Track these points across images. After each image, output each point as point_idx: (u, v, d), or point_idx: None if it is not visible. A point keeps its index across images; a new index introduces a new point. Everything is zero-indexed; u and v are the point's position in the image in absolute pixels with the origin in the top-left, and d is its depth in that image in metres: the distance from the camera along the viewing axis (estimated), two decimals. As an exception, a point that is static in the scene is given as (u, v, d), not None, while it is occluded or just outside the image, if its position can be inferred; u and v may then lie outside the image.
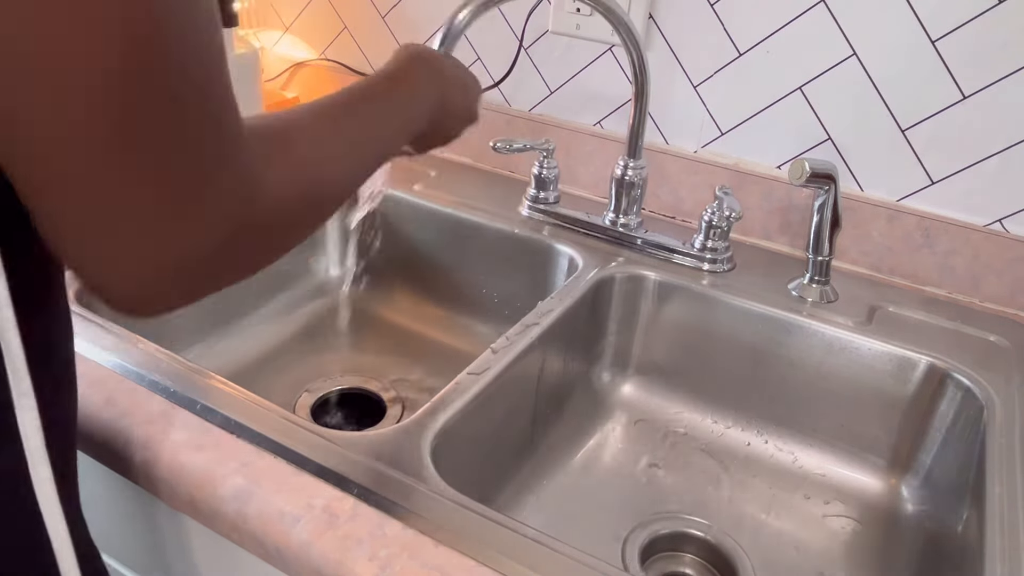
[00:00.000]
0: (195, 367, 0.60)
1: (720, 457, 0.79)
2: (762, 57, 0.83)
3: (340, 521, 0.48)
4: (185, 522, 0.57)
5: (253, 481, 0.51)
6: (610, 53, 0.92)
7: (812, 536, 0.71)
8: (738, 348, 0.79)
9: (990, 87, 0.74)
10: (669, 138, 0.92)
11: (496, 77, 1.00)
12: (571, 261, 0.83)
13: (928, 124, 0.78)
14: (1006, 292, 0.79)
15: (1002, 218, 0.79)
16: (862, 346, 0.73)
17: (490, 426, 0.66)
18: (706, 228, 0.81)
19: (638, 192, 0.84)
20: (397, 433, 0.56)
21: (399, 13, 1.04)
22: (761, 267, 0.83)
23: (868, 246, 0.84)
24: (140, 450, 0.54)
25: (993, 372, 0.69)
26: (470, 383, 0.62)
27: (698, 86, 0.88)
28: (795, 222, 0.87)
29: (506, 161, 1.02)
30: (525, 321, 0.71)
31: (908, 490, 0.73)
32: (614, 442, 0.80)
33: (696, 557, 0.70)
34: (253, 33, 1.12)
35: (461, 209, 0.90)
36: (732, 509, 0.73)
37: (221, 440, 0.54)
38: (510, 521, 0.49)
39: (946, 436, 0.70)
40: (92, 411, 0.56)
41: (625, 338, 0.84)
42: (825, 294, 0.78)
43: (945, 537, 0.65)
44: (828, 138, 0.83)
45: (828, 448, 0.77)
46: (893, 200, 0.83)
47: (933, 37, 0.75)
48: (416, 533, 0.48)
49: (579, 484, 0.74)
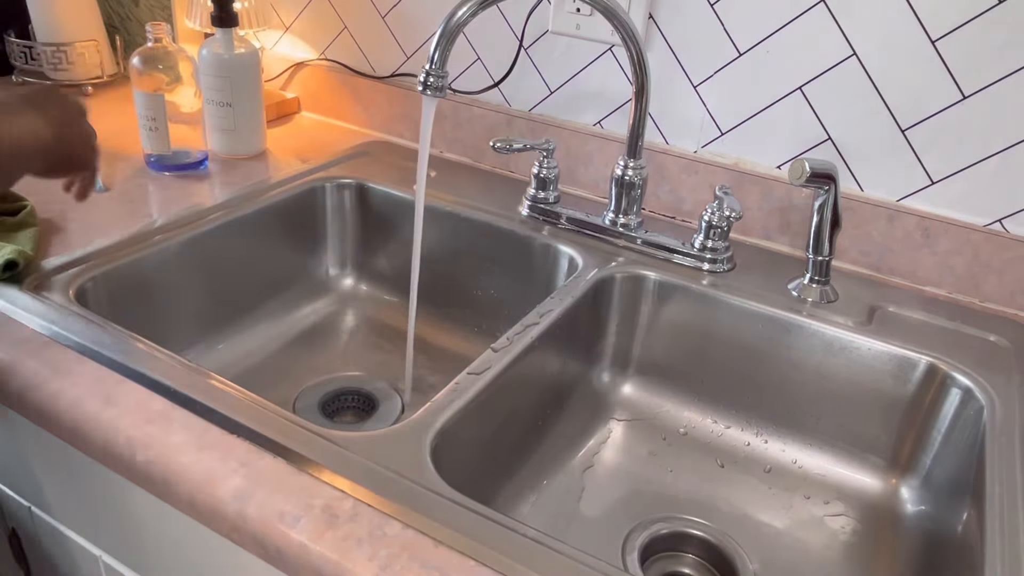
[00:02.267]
0: (195, 367, 0.60)
1: (720, 457, 0.79)
2: (762, 57, 0.83)
3: (340, 521, 0.48)
4: (186, 522, 0.57)
5: (253, 481, 0.51)
6: (610, 53, 0.92)
7: (812, 536, 0.71)
8: (738, 348, 0.78)
9: (990, 87, 0.74)
10: (669, 138, 0.92)
11: (496, 77, 1.00)
12: (571, 261, 0.83)
13: (928, 124, 0.78)
14: (1006, 292, 0.79)
15: (1002, 218, 0.79)
16: (862, 346, 0.73)
17: (490, 426, 0.66)
18: (706, 228, 0.81)
19: (638, 192, 0.84)
20: (397, 433, 0.56)
21: (399, 13, 1.04)
22: (761, 267, 0.83)
23: (868, 246, 0.84)
24: (140, 450, 0.54)
25: (993, 372, 0.69)
26: (470, 383, 0.62)
27: (698, 86, 0.88)
28: (795, 222, 0.87)
29: (506, 161, 1.02)
30: (525, 321, 0.71)
31: (908, 490, 0.73)
32: (614, 442, 0.80)
33: (696, 557, 0.70)
34: (253, 33, 1.12)
35: (461, 209, 0.90)
36: (732, 509, 0.73)
37: (221, 440, 0.54)
38: (510, 521, 0.49)
39: (946, 436, 0.70)
40: (92, 411, 0.56)
41: (625, 338, 0.84)
42: (825, 294, 0.78)
43: (945, 537, 0.65)
44: (828, 138, 0.83)
45: (828, 448, 0.77)
46: (893, 200, 0.83)
47: (933, 37, 0.75)
48: (416, 533, 0.48)
49: (579, 484, 0.74)
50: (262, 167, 0.98)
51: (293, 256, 0.94)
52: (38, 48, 1.14)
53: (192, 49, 0.96)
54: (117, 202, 0.85)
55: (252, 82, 0.96)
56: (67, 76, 1.17)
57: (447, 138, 1.06)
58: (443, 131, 1.06)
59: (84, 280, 0.71)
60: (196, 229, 0.81)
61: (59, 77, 1.17)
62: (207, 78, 0.94)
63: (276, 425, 0.55)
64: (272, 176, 0.95)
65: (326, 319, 0.95)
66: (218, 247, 0.84)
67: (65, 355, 0.61)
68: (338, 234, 0.98)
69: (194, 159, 0.94)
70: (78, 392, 0.57)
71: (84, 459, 0.60)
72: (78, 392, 0.57)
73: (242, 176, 0.94)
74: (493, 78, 1.01)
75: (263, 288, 0.91)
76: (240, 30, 0.95)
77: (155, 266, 0.78)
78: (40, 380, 0.59)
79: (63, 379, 0.59)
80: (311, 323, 0.94)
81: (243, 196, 0.89)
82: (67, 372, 0.59)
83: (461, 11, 0.68)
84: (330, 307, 0.97)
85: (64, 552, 0.73)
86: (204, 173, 0.94)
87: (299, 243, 0.95)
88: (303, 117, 1.16)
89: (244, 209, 0.86)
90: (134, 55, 0.88)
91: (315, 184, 0.94)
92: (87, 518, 0.68)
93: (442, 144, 1.07)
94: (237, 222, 0.85)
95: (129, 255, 0.75)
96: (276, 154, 1.02)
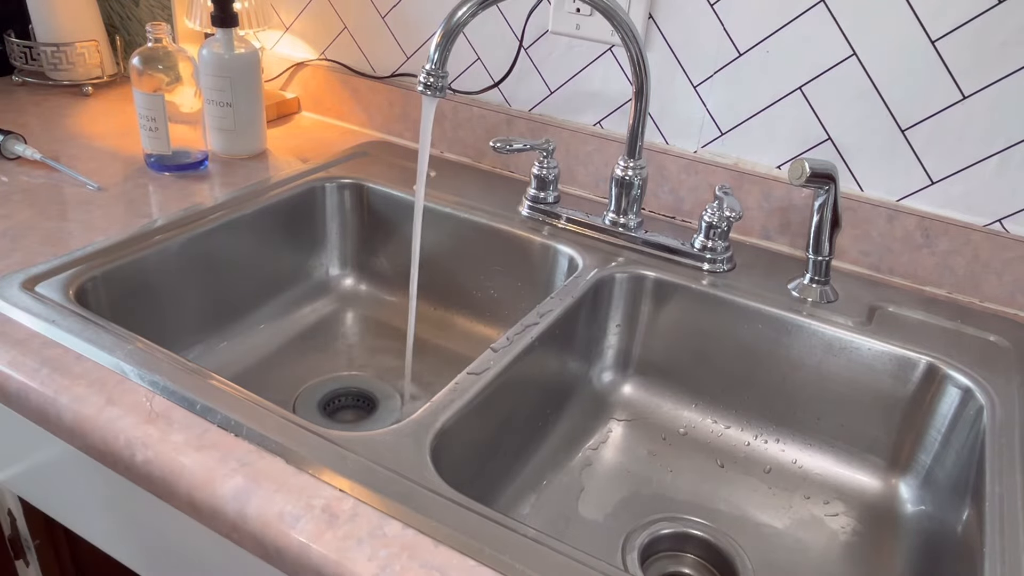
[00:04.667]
0: (195, 367, 0.60)
1: (720, 457, 0.79)
2: (762, 57, 0.83)
3: (340, 521, 0.49)
4: (186, 522, 0.57)
5: (253, 481, 0.51)
6: (610, 53, 0.92)
7: (812, 536, 0.71)
8: (738, 348, 0.79)
9: (990, 87, 0.74)
10: (669, 138, 0.92)
11: (496, 77, 1.00)
12: (571, 261, 0.84)
13: (928, 124, 0.78)
14: (1006, 292, 0.80)
15: (1002, 218, 0.79)
16: (862, 346, 0.73)
17: (490, 426, 0.66)
18: (706, 228, 0.81)
19: (638, 192, 0.84)
20: (397, 433, 0.56)
21: (399, 13, 1.04)
22: (761, 267, 0.83)
23: (868, 246, 0.84)
24: (140, 450, 0.54)
25: (993, 372, 0.69)
26: (470, 383, 0.62)
27: (698, 86, 0.88)
28: (795, 222, 0.87)
29: (506, 161, 1.02)
30: (525, 321, 0.71)
31: (908, 490, 0.73)
32: (614, 442, 0.80)
33: (696, 557, 0.70)
34: (253, 33, 1.12)
35: (461, 209, 0.90)
36: (732, 509, 0.73)
37: (221, 440, 0.54)
38: (510, 521, 0.49)
39: (946, 436, 0.70)
40: (92, 411, 0.56)
41: (625, 338, 0.84)
42: (825, 294, 0.78)
43: (945, 537, 0.65)
44: (828, 138, 0.83)
45: (828, 448, 0.77)
46: (893, 200, 0.83)
47: (933, 37, 0.75)
48: (416, 533, 0.48)
49: (579, 484, 0.74)
50: (262, 167, 0.98)
51: (293, 256, 0.94)
52: (38, 48, 1.15)
53: (192, 49, 0.96)
54: (117, 202, 0.85)
55: (252, 82, 0.96)
56: (67, 76, 1.17)
57: (447, 138, 1.06)
58: (443, 131, 1.06)
59: (84, 280, 0.71)
60: (196, 229, 0.81)
61: (59, 77, 1.17)
62: (207, 78, 0.94)
63: (276, 425, 0.55)
64: (272, 176, 0.95)
65: (326, 319, 0.95)
66: (218, 247, 0.84)
67: (65, 355, 0.61)
68: (338, 234, 0.98)
69: (194, 159, 0.94)
70: (78, 392, 0.57)
71: (84, 459, 0.60)
72: (78, 392, 0.57)
73: (242, 176, 0.94)
74: (493, 78, 1.01)
75: (263, 288, 0.91)
76: (240, 30, 0.95)
77: (155, 266, 0.78)
78: (40, 380, 0.59)
79: (63, 379, 0.59)
80: (311, 323, 0.94)
81: (243, 196, 0.89)
82: (67, 372, 0.59)
83: (461, 11, 0.68)
84: (330, 307, 0.97)
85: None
86: (204, 173, 0.94)
87: (299, 243, 0.95)
88: (303, 117, 1.16)
89: (244, 209, 0.86)
90: (134, 55, 0.88)
91: (315, 184, 0.94)
92: (87, 518, 0.68)
93: (442, 144, 1.07)
94: (237, 222, 0.85)
95: (129, 255, 0.75)
96: (276, 154, 1.02)
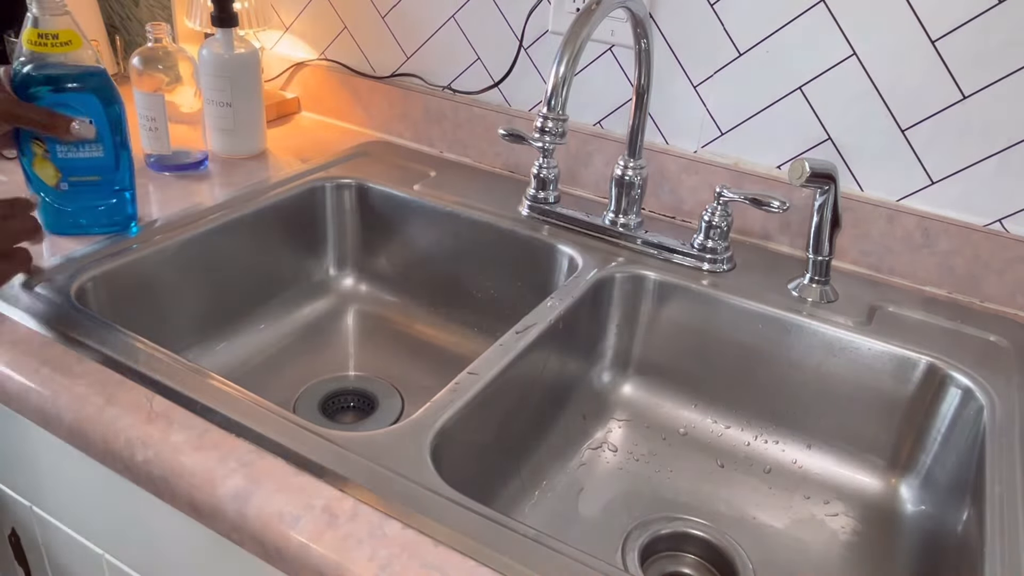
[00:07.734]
0: (195, 367, 0.60)
1: (720, 457, 0.79)
2: (762, 57, 0.83)
3: (340, 521, 0.49)
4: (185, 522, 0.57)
5: (253, 481, 0.51)
6: (610, 53, 0.92)
7: (812, 536, 0.71)
8: (738, 348, 0.79)
9: (990, 87, 0.74)
10: (669, 138, 0.92)
11: (496, 77, 1.00)
12: (571, 261, 0.83)
13: (928, 124, 0.78)
14: (1006, 292, 0.79)
15: (1002, 218, 0.79)
16: (862, 346, 0.73)
17: (490, 426, 0.66)
18: (706, 228, 0.81)
19: (638, 192, 0.84)
20: (397, 433, 0.56)
21: (399, 13, 1.04)
22: (761, 267, 0.83)
23: (868, 246, 0.84)
24: (140, 450, 0.54)
25: (993, 372, 0.69)
26: (470, 383, 0.62)
27: (698, 86, 0.88)
28: (795, 222, 0.87)
29: (506, 161, 1.02)
30: (525, 321, 0.71)
31: (908, 490, 0.73)
32: (614, 442, 0.80)
33: (696, 557, 0.70)
34: (253, 33, 1.12)
35: (461, 209, 0.90)
36: (732, 509, 0.73)
37: (221, 440, 0.54)
38: (510, 521, 0.49)
39: (946, 436, 0.70)
40: (92, 411, 0.56)
41: (625, 338, 0.84)
42: (825, 294, 0.78)
43: (945, 537, 0.65)
44: (828, 138, 0.83)
45: (828, 448, 0.77)
46: (893, 200, 0.83)
47: (933, 37, 0.75)
48: (416, 533, 0.48)
49: (579, 484, 0.74)
50: (262, 167, 0.98)
51: (293, 256, 0.94)
52: (38, 48, 1.14)
53: (192, 49, 0.96)
54: (117, 202, 0.85)
55: (252, 82, 0.96)
56: (67, 76, 1.17)
57: (447, 138, 1.06)
58: (443, 131, 1.06)
59: (84, 280, 0.71)
60: (196, 229, 0.81)
61: (59, 77, 1.17)
62: (207, 78, 0.94)
63: (276, 425, 0.55)
64: (272, 176, 0.95)
65: (326, 319, 0.95)
66: (218, 247, 0.84)
67: (65, 355, 0.61)
68: (338, 234, 0.98)
69: (194, 159, 0.94)
70: (78, 392, 0.57)
71: (84, 459, 0.60)
72: (78, 392, 0.57)
73: (242, 176, 0.94)
74: (493, 78, 1.01)
75: (263, 288, 0.91)
76: (240, 30, 0.95)
77: (155, 266, 0.78)
78: (40, 380, 0.59)
79: (63, 379, 0.59)
80: (311, 323, 0.94)
81: (243, 196, 0.89)
82: (67, 372, 0.59)
83: (584, 31, 0.64)
84: (330, 307, 0.97)
85: (65, 552, 0.74)
86: (204, 173, 0.94)
87: (299, 243, 0.95)
88: (303, 117, 1.16)
89: (244, 209, 0.86)
90: (134, 55, 0.88)
91: (315, 184, 0.94)
92: (88, 517, 0.68)
93: (442, 144, 1.07)
94: (237, 222, 0.85)
95: (129, 255, 0.75)
96: (276, 154, 1.02)
